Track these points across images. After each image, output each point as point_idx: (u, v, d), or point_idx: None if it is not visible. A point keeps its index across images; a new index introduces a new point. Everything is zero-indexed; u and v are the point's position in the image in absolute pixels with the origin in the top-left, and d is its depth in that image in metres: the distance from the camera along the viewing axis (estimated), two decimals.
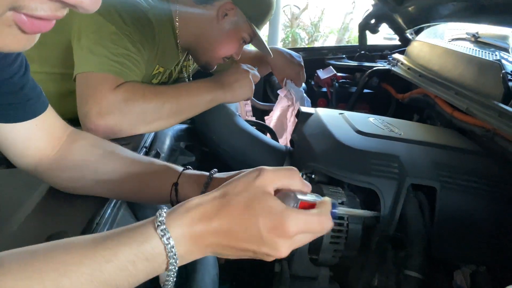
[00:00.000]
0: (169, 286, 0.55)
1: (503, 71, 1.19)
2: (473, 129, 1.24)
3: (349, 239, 0.98)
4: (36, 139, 0.77)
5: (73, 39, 1.14)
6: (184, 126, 1.42)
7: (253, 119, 1.69)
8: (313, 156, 1.09)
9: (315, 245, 0.98)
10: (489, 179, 1.06)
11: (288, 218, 0.55)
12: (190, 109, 1.17)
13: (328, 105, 2.18)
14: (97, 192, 0.81)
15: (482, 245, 1.03)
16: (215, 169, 0.77)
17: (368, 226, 1.02)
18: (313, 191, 1.03)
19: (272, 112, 1.82)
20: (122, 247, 0.50)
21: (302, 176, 1.15)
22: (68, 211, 0.82)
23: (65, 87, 1.27)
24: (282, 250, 0.56)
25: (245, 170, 0.65)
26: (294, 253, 0.98)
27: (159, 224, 0.52)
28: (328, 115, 1.27)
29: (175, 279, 0.54)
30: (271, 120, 1.79)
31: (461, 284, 1.02)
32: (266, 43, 1.42)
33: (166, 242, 0.51)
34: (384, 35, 3.45)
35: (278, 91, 1.83)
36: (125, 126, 1.05)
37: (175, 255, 0.52)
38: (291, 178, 0.61)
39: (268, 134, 1.59)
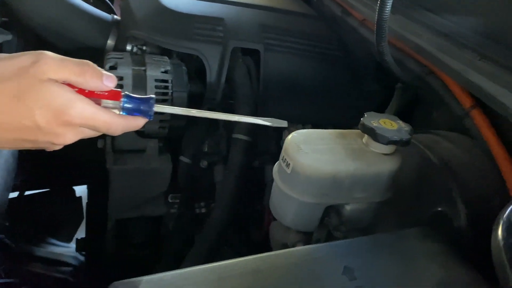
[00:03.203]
0: None
1: None
2: None
3: None
4: None
5: None
6: None
7: None
8: (135, 22, 1.00)
9: None
10: (316, 40, 1.08)
11: (72, 107, 0.48)
12: None
13: None
14: None
15: (307, 105, 1.09)
16: None
17: (195, 93, 0.99)
18: (136, 62, 0.97)
19: None
20: None
21: (133, 48, 1.07)
22: None
23: None
24: (67, 138, 0.50)
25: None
26: None
27: None
28: None
29: None
30: None
31: None
32: None
33: None
34: None
35: None
36: None
37: None
38: (81, 75, 0.49)
39: None
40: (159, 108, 0.56)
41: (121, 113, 0.53)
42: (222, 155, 1.03)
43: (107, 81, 0.51)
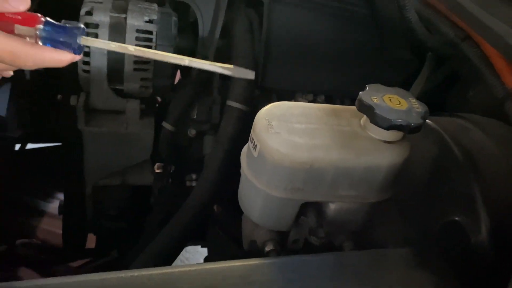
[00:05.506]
0: None
1: None
2: None
3: (158, 66, 0.82)
4: None
5: None
6: None
7: None
8: None
9: (116, 73, 0.81)
10: None
11: None
12: None
13: None
14: None
15: (320, 72, 0.92)
16: None
17: (184, 48, 0.85)
18: (116, 8, 0.83)
19: None
20: None
21: None
22: None
23: None
24: None
25: None
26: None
27: None
28: None
29: None
30: None
31: None
32: None
33: None
34: None
35: None
36: None
37: None
38: None
39: None
40: (87, 40, 0.44)
41: (40, 43, 0.43)
42: (213, 124, 0.89)
43: (14, 0, 0.40)
